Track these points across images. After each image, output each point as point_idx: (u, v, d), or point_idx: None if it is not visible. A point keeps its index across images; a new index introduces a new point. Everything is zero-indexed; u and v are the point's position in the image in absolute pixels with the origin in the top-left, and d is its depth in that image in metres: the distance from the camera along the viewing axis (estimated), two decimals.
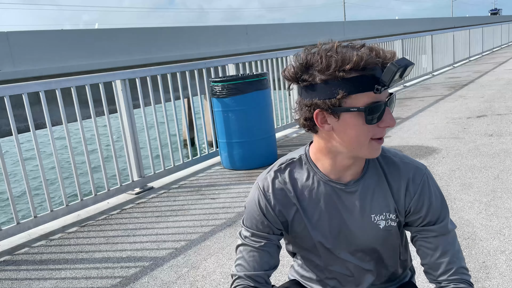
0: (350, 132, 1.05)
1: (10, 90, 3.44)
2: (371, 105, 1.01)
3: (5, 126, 7.93)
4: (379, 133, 1.06)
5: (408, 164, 1.19)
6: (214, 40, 14.53)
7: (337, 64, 0.99)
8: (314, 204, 1.19)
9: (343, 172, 1.16)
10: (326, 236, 1.20)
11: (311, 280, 1.34)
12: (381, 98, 1.02)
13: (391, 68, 0.97)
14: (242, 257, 1.22)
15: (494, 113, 6.36)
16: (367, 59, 0.99)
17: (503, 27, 22.53)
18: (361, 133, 1.04)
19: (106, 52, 11.29)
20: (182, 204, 3.84)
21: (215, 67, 5.36)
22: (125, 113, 4.22)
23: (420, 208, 1.16)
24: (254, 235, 1.21)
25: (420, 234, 1.18)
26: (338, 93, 1.00)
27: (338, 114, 1.04)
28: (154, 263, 2.79)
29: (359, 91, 1.00)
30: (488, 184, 3.60)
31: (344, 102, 1.02)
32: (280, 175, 1.21)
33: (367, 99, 1.01)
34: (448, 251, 1.17)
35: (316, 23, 22.06)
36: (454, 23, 29.82)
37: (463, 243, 2.68)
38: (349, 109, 1.02)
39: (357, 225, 1.18)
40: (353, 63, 0.98)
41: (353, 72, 0.99)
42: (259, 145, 4.69)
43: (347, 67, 0.99)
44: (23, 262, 2.96)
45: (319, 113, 1.05)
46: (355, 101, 1.01)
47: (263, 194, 1.20)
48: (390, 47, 9.93)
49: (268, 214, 1.20)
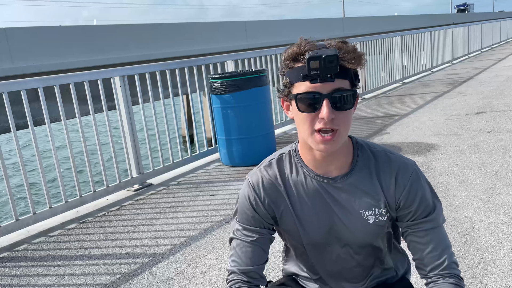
0: (296, 119, 1.12)
1: (9, 86, 3.43)
2: (301, 93, 1.07)
3: (3, 123, 7.93)
4: (319, 125, 1.07)
5: (398, 159, 1.20)
6: (213, 37, 14.49)
7: (288, 55, 1.11)
8: (303, 199, 1.20)
9: (327, 166, 1.17)
10: (315, 231, 1.21)
11: (304, 275, 1.35)
12: (317, 89, 1.05)
13: (305, 57, 1.04)
14: (236, 253, 1.24)
15: (493, 110, 6.36)
16: (303, 49, 1.07)
17: (502, 23, 22.49)
18: (300, 121, 1.10)
19: (104, 48, 11.26)
20: (181, 200, 3.84)
21: (214, 63, 5.35)
22: (124, 109, 4.21)
23: (411, 203, 1.17)
24: (245, 229, 1.23)
25: (410, 228, 1.19)
26: (284, 80, 1.12)
27: (290, 101, 1.13)
28: (153, 259, 2.79)
29: (297, 80, 1.09)
30: (486, 181, 3.61)
31: (292, 90, 1.11)
32: (269, 170, 1.23)
33: (304, 88, 1.07)
34: (439, 246, 1.17)
35: (315, 19, 22.00)
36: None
37: (461, 239, 2.69)
38: (290, 96, 1.12)
39: (347, 220, 1.19)
40: (291, 53, 1.09)
41: (295, 62, 1.09)
42: (258, 142, 4.68)
43: (288, 56, 1.10)
44: (22, 259, 2.97)
45: (283, 99, 1.16)
46: (296, 89, 1.09)
47: (253, 189, 1.23)
48: (389, 44, 9.92)
49: (258, 208, 1.22)
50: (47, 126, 3.66)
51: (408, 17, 33.08)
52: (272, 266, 2.54)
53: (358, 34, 19.28)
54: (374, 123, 6.25)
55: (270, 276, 2.44)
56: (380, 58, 9.57)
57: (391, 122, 6.20)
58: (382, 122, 6.29)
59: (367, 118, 6.68)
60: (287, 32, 17.74)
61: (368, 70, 9.16)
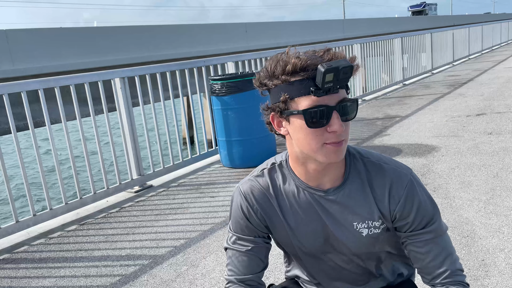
0: (299, 135, 1.06)
1: (9, 88, 3.43)
2: (311, 108, 1.01)
3: (4, 125, 7.92)
4: (331, 138, 1.03)
5: (392, 169, 1.15)
6: (213, 38, 14.50)
7: (282, 68, 1.03)
8: (294, 210, 1.18)
9: (320, 178, 1.14)
10: (310, 242, 1.19)
11: (306, 279, 1.35)
12: (325, 102, 1.01)
13: (319, 69, 0.98)
14: (232, 262, 1.23)
15: (493, 111, 6.36)
16: (306, 61, 1.00)
17: (502, 25, 22.49)
18: (308, 136, 1.04)
19: (105, 50, 11.26)
20: (182, 202, 3.84)
21: (215, 65, 5.35)
22: (124, 111, 4.21)
23: (408, 214, 1.14)
24: (240, 239, 1.22)
25: (409, 239, 1.16)
26: (282, 96, 1.04)
27: (288, 117, 1.06)
28: (154, 261, 2.79)
29: (300, 94, 1.02)
30: (487, 182, 3.60)
31: (290, 105, 1.04)
32: (261, 180, 1.21)
33: (309, 102, 1.02)
34: (440, 254, 1.14)
35: (315, 21, 22.00)
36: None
37: (462, 241, 2.69)
38: (292, 112, 1.04)
39: (340, 232, 1.16)
40: (291, 66, 1.01)
41: (295, 75, 1.01)
42: (258, 143, 4.68)
43: (286, 70, 1.02)
44: (22, 261, 2.96)
45: (274, 116, 1.10)
46: (298, 104, 1.03)
47: (244, 198, 1.21)
48: (390, 45, 9.92)
49: (251, 218, 1.21)
50: (47, 127, 3.66)
51: (409, 19, 33.10)
52: (272, 268, 2.53)
53: (358, 35, 19.28)
54: (374, 125, 6.24)
55: (270, 278, 2.43)
56: (380, 59, 9.57)
57: (392, 124, 6.20)
58: (383, 123, 6.28)
59: (368, 119, 6.68)
60: (288, 33, 17.76)
61: (368, 71, 9.17)
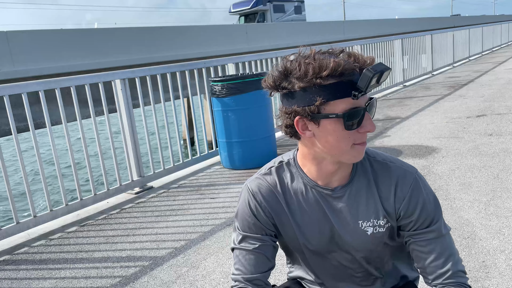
0: (330, 138, 1.05)
1: (10, 89, 3.44)
2: (350, 111, 1.02)
3: (4, 126, 7.92)
4: (360, 138, 1.06)
5: (398, 168, 1.17)
6: (213, 40, 14.51)
7: (314, 71, 1.00)
8: (302, 208, 1.19)
9: (330, 177, 1.16)
10: (316, 240, 1.20)
11: (309, 279, 1.34)
12: (359, 104, 1.03)
13: (366, 74, 0.98)
14: (239, 261, 1.23)
15: (493, 113, 6.36)
16: (344, 65, 1.00)
17: (502, 26, 22.51)
18: (341, 139, 1.05)
19: (105, 51, 11.27)
20: (182, 203, 3.84)
21: (215, 66, 5.36)
22: (124, 112, 4.22)
23: (412, 213, 1.15)
24: (248, 237, 1.22)
25: (413, 238, 1.17)
26: (317, 100, 1.01)
27: (318, 120, 1.04)
28: (154, 262, 2.79)
29: (337, 97, 1.01)
30: (487, 184, 3.60)
31: (323, 108, 1.03)
32: (269, 178, 1.22)
33: (346, 105, 1.02)
34: (442, 254, 1.15)
35: (316, 22, 22.03)
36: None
37: (462, 242, 2.68)
38: (328, 115, 1.03)
39: (345, 231, 1.18)
40: (330, 70, 0.99)
41: (330, 78, 1.00)
42: (259, 145, 4.68)
43: (324, 73, 0.99)
44: (23, 262, 2.96)
45: (299, 120, 1.07)
46: (333, 107, 1.02)
47: (252, 196, 1.21)
48: (390, 47, 9.93)
49: (259, 215, 1.21)
50: (48, 128, 3.66)
51: (409, 20, 33.11)
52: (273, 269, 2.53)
53: (359, 37, 19.29)
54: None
55: (271, 279, 2.43)
56: (380, 61, 9.57)
57: (392, 125, 6.20)
58: (383, 125, 6.28)
59: None
60: (288, 35, 17.77)
61: None
